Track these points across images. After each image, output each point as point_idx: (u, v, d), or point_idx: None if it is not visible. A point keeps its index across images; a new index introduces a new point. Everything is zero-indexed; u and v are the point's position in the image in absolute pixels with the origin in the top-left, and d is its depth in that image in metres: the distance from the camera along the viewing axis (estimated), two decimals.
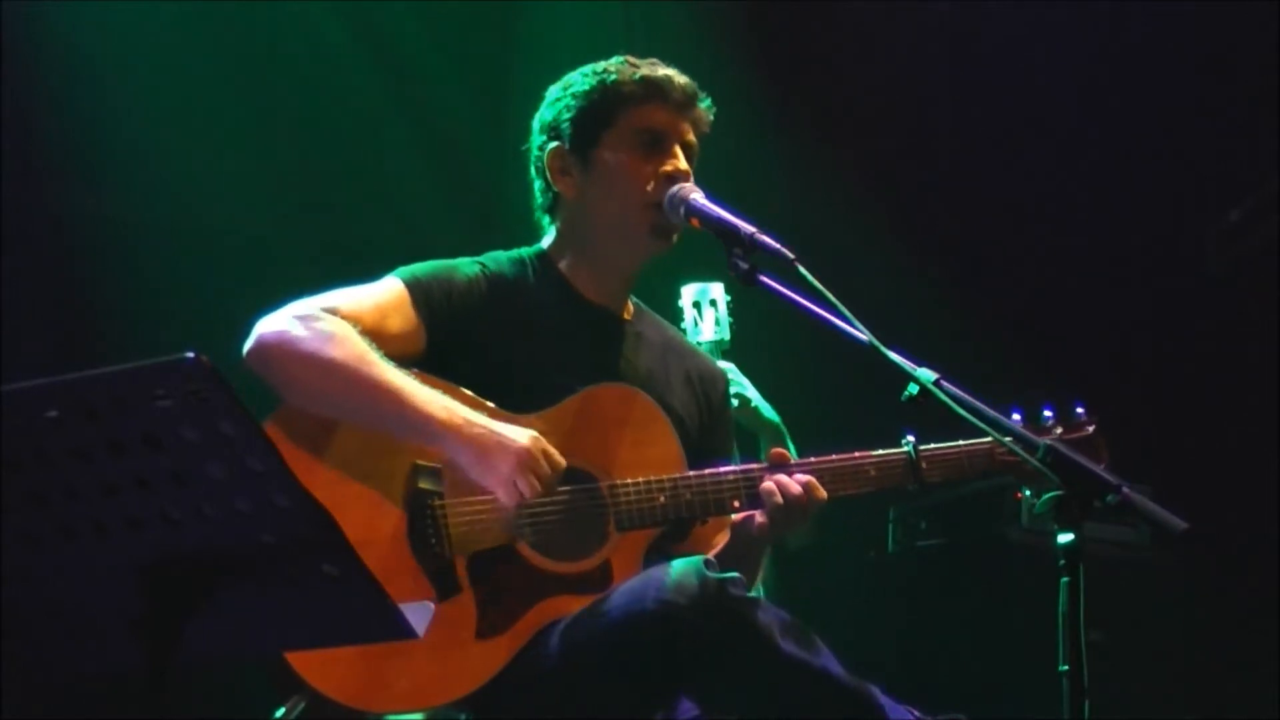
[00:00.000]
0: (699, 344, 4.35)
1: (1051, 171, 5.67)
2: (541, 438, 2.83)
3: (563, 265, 3.19)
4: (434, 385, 2.89)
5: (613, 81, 3.14)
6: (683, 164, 3.10)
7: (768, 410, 4.35)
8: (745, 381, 4.34)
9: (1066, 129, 5.66)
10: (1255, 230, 5.44)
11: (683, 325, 4.41)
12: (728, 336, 4.37)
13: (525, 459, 2.78)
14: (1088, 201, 5.66)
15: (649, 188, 3.08)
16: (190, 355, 1.77)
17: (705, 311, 4.40)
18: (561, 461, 2.84)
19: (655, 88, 3.12)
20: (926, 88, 5.81)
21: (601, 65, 3.18)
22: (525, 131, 3.26)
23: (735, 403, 4.27)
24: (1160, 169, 5.53)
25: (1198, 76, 5.49)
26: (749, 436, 4.22)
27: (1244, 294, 5.51)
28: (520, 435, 2.81)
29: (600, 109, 3.13)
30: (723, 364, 4.32)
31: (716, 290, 4.32)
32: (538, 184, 3.23)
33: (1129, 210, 5.60)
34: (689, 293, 4.42)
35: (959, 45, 5.72)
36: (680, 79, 3.16)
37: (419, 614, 2.08)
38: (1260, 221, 5.43)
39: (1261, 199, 5.42)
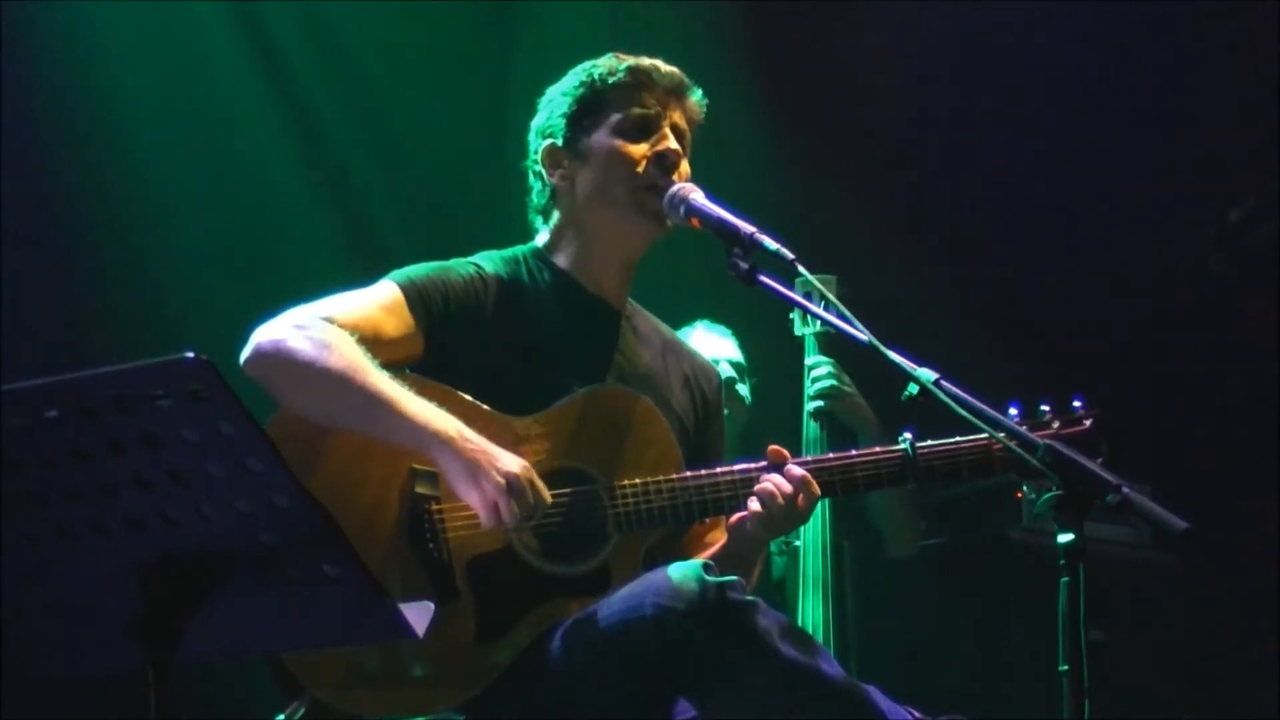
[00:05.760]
0: (806, 335, 4.39)
1: (1052, 171, 5.67)
2: (531, 469, 2.80)
3: (559, 259, 3.19)
4: (432, 388, 2.88)
5: (600, 74, 3.17)
6: (673, 143, 3.10)
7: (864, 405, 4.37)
8: (844, 376, 4.35)
9: (1067, 129, 5.66)
10: (1255, 230, 5.44)
11: (792, 315, 4.40)
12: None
13: (513, 485, 2.75)
14: (1088, 201, 5.66)
15: (640, 169, 3.08)
16: (190, 355, 1.77)
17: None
18: (547, 497, 2.81)
19: (642, 74, 3.15)
20: (926, 88, 5.81)
21: (590, 63, 3.21)
22: (523, 139, 3.28)
23: (849, 389, 4.29)
24: (1160, 169, 5.52)
25: (1198, 77, 5.49)
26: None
27: (1244, 294, 5.51)
28: (513, 462, 2.79)
29: (590, 101, 3.15)
30: (820, 357, 4.36)
31: (828, 282, 4.24)
32: (534, 185, 3.24)
33: (1129, 210, 5.60)
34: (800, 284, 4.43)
35: (959, 45, 5.72)
36: (666, 67, 3.18)
37: (419, 614, 2.07)
38: (1260, 221, 5.42)
39: (1261, 199, 5.41)
